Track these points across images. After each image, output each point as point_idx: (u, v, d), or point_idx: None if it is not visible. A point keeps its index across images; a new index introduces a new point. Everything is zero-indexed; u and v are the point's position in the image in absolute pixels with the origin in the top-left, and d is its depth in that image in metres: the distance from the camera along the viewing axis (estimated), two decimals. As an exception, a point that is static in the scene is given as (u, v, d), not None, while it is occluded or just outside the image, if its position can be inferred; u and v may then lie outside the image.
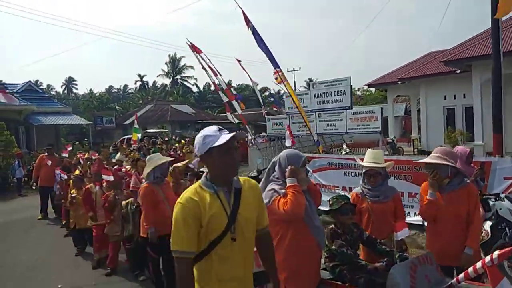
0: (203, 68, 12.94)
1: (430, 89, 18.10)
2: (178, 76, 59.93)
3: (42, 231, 9.35)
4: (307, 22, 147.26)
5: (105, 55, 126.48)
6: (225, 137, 2.17)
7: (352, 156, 9.04)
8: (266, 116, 14.61)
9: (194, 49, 11.80)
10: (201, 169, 7.72)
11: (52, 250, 7.76)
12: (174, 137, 23.50)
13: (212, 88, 61.63)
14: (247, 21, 8.71)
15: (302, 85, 55.85)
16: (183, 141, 18.46)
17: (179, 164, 6.77)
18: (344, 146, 14.40)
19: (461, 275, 2.71)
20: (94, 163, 7.16)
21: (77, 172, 7.89)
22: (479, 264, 2.56)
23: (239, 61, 15.46)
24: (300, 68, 55.31)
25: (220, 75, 12.39)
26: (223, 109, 53.23)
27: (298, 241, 3.06)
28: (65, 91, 70.54)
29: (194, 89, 61.30)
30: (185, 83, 60.23)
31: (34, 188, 11.59)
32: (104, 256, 6.66)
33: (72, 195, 7.18)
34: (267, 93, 53.62)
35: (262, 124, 30.57)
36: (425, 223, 3.98)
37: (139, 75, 62.19)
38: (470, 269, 2.64)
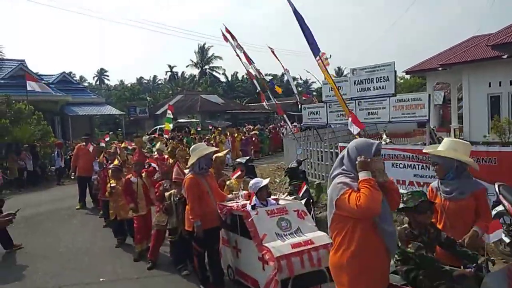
0: (237, 55, 12.61)
1: (474, 75, 17.09)
2: (207, 66, 59.89)
3: (82, 220, 9.36)
4: (339, 8, 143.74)
5: (135, 46, 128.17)
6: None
7: (409, 147, 8.43)
8: (300, 105, 14.15)
9: (229, 35, 11.43)
10: (238, 160, 7.46)
11: (92, 240, 7.71)
12: (210, 127, 23.34)
13: (240, 77, 61.73)
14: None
15: (332, 73, 54.61)
16: (216, 131, 18.28)
17: (220, 154, 6.52)
18: (384, 136, 13.78)
19: None
20: (135, 152, 7.00)
21: (115, 162, 7.76)
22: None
23: (271, 49, 15.08)
24: (330, 55, 53.92)
25: (254, 63, 11.99)
26: (252, 99, 53.24)
27: (365, 245, 2.71)
28: (97, 82, 71.94)
29: (222, 79, 61.19)
30: (214, 73, 60.18)
31: (72, 177, 11.66)
32: (145, 248, 6.53)
33: (112, 185, 7.05)
34: (295, 82, 52.77)
35: (291, 114, 30.15)
36: None
37: (169, 66, 62.56)
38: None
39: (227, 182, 5.96)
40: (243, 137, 18.34)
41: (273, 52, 14.96)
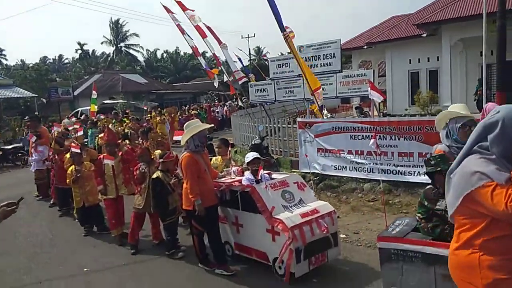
0: (180, 30, 12.12)
1: (396, 53, 18.55)
2: (122, 44, 56.60)
3: (31, 211, 8.47)
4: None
5: (35, 21, 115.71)
6: None
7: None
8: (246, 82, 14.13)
9: (180, 6, 10.88)
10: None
11: (52, 231, 7.10)
12: (145, 108, 22.22)
13: (159, 56, 59.46)
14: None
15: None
16: (153, 112, 17.57)
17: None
18: (325, 111, 14.40)
19: None
20: (104, 133, 6.52)
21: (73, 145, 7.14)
22: None
23: (208, 27, 14.71)
24: (254, 34, 54.24)
25: (207, 36, 11.59)
26: (174, 78, 51.72)
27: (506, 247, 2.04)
28: (-7, 62, 64.05)
29: (140, 57, 58.45)
30: (130, 51, 57.12)
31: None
32: (121, 233, 6.23)
33: (77, 169, 6.52)
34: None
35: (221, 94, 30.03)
36: None
37: (79, 43, 57.75)
38: None
39: (213, 160, 5.90)
40: (180, 116, 17.92)
41: (209, 29, 14.60)
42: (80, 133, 10.15)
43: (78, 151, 6.72)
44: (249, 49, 42.22)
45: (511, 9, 11.93)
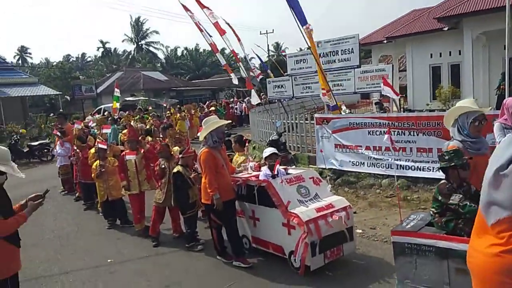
0: (199, 27, 12.27)
1: (416, 47, 18.26)
2: (143, 42, 57.43)
3: (56, 206, 8.80)
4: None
5: (58, 21, 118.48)
6: None
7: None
8: (264, 79, 14.25)
9: (199, 4, 11.03)
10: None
11: (78, 224, 7.41)
12: (164, 105, 22.52)
13: (180, 53, 60.00)
14: None
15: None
16: (172, 109, 17.86)
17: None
18: (344, 107, 14.37)
19: None
20: (128, 131, 6.75)
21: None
22: None
23: (228, 23, 14.83)
24: (273, 30, 54.03)
25: (225, 33, 11.71)
26: (193, 75, 52.14)
27: None
28: (19, 61, 65.95)
29: (160, 55, 59.16)
30: (151, 48, 57.91)
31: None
32: (144, 227, 6.46)
33: (101, 164, 6.77)
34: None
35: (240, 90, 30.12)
36: None
37: (101, 42, 58.97)
38: None
39: (234, 157, 6.06)
40: (200, 114, 18.16)
41: (229, 26, 14.73)
42: (107, 130, 10.43)
43: (105, 147, 6.96)
44: (268, 45, 42.15)
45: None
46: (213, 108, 18.17)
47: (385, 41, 19.45)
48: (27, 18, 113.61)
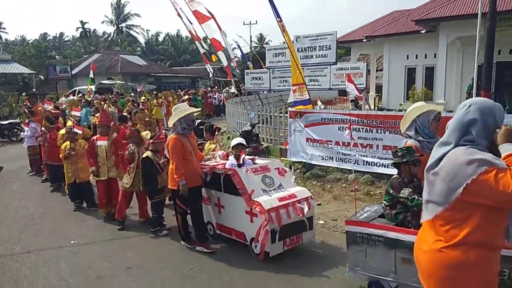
0: (178, 13, 12.20)
1: (394, 48, 18.63)
2: (123, 24, 56.25)
3: (22, 186, 8.75)
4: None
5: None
6: None
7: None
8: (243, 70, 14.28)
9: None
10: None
11: (43, 205, 7.34)
12: (139, 90, 22.14)
13: (161, 39, 59.08)
14: None
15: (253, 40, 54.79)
16: (147, 94, 17.68)
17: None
18: (319, 103, 14.61)
19: None
20: (100, 115, 6.69)
21: (69, 123, 7.34)
22: None
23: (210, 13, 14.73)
24: (256, 21, 53.89)
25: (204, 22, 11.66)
26: (173, 62, 51.48)
27: (496, 238, 2.10)
28: (-8, 36, 63.57)
29: (141, 39, 58.14)
30: (131, 32, 56.81)
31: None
32: (109, 212, 6.48)
33: (71, 147, 6.72)
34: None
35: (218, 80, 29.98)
36: None
37: (81, 22, 57.31)
38: None
39: (206, 145, 6.14)
40: (178, 101, 18.03)
41: (211, 14, 14.63)
42: (76, 113, 10.29)
43: (80, 132, 6.89)
44: (250, 37, 42.04)
45: (503, 11, 12.08)
46: (187, 96, 18.08)
47: (364, 40, 19.75)
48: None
